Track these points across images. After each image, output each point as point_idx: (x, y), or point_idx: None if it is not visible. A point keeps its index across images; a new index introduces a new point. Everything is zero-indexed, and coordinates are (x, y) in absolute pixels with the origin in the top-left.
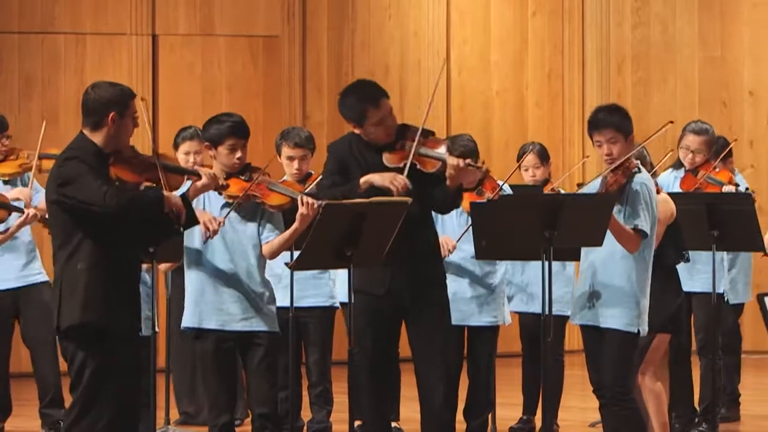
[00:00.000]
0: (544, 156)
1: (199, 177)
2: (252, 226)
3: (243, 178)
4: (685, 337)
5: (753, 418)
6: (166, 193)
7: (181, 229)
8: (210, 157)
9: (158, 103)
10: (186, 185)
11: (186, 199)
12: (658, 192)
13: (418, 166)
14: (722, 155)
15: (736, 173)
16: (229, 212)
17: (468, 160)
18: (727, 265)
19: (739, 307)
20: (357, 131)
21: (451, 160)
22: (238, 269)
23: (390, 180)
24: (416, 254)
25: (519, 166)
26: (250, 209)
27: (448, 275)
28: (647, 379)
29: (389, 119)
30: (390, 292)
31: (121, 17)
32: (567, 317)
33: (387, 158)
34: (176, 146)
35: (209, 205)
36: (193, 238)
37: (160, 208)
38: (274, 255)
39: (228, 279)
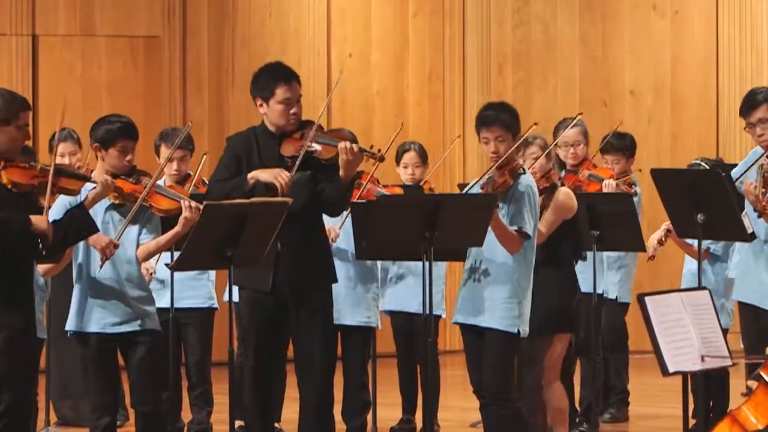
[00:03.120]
0: (423, 155)
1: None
2: (134, 230)
3: (131, 180)
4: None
5: (638, 418)
6: (33, 218)
7: (44, 252)
8: (98, 159)
9: (38, 104)
10: (87, 189)
11: (83, 207)
12: (562, 186)
13: (315, 153)
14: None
15: (632, 175)
16: (123, 230)
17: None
18: (605, 266)
19: (626, 307)
20: (262, 110)
21: (346, 145)
22: (120, 272)
23: (275, 176)
24: (303, 253)
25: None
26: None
27: None
28: (549, 381)
29: (295, 104)
30: (274, 290)
31: (1, 17)
32: (439, 316)
33: (285, 146)
34: (51, 149)
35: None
36: (78, 245)
37: (25, 233)
38: (147, 257)
39: (110, 282)
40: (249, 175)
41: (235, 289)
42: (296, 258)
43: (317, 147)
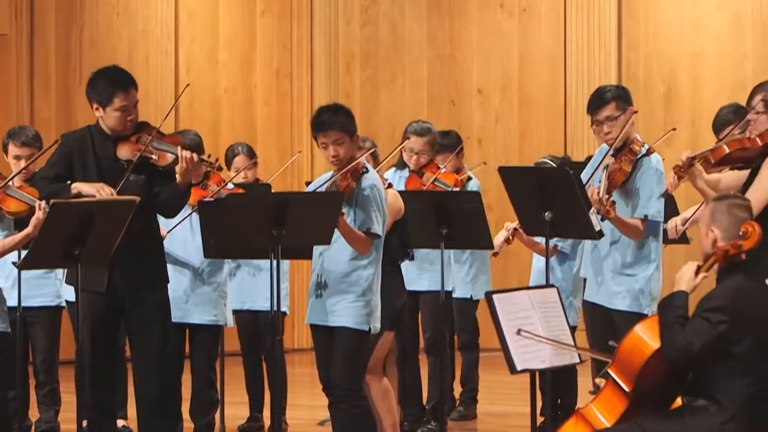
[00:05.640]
0: (253, 156)
1: None
2: None
3: None
4: (411, 335)
5: (487, 415)
6: None
7: None
8: None
9: None
10: None
11: None
12: (389, 187)
13: (152, 160)
14: (457, 150)
15: (466, 170)
16: None
17: (201, 156)
18: (463, 265)
19: (478, 304)
20: (98, 114)
21: (185, 153)
22: None
23: (97, 189)
24: (138, 254)
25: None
26: None
27: (170, 272)
28: (375, 378)
29: (132, 110)
30: (109, 290)
31: None
32: (284, 314)
33: (120, 149)
34: None
35: None
36: None
37: None
38: None
39: None
40: (72, 186)
41: (72, 290)
42: (132, 259)
43: (153, 156)
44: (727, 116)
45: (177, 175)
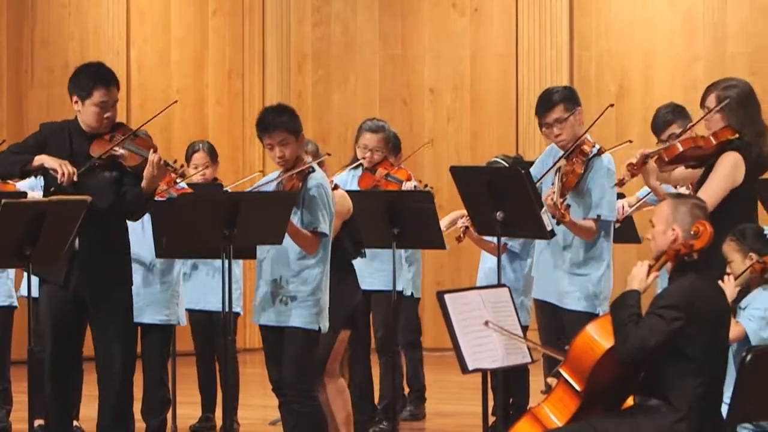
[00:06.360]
0: (213, 154)
1: None
2: None
3: None
4: (363, 335)
5: (438, 415)
6: None
7: None
8: None
9: None
10: None
11: None
12: (336, 188)
13: (120, 158)
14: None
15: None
16: None
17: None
18: (405, 263)
19: (419, 303)
20: (77, 107)
21: (153, 157)
22: None
23: (60, 163)
24: (103, 252)
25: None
26: None
27: None
28: (332, 378)
29: (111, 108)
30: (71, 286)
31: None
32: (238, 314)
33: (94, 146)
34: None
35: None
36: None
37: None
38: None
39: None
40: (36, 157)
41: (35, 285)
42: (96, 257)
43: (123, 152)
44: (666, 116)
45: (144, 180)
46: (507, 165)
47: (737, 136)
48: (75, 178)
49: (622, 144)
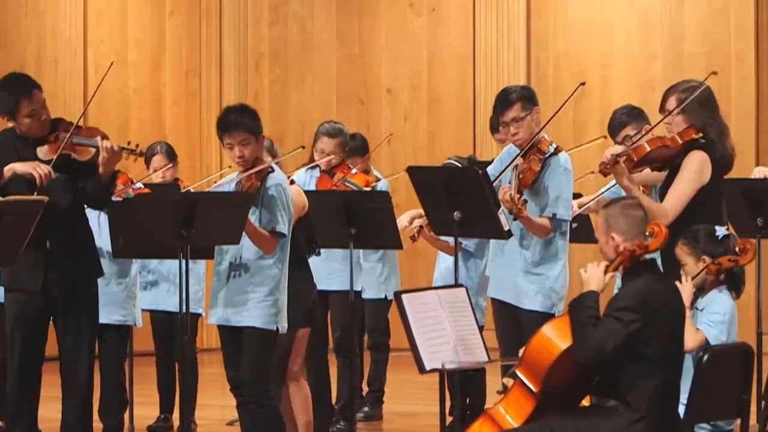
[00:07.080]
0: (172, 155)
1: None
2: None
3: None
4: (321, 335)
5: (395, 415)
6: None
7: None
8: None
9: None
10: None
11: None
12: (292, 183)
13: (73, 156)
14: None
15: (372, 169)
16: None
17: (122, 145)
18: (365, 264)
19: (390, 304)
20: (11, 124)
21: (105, 144)
22: None
23: (33, 167)
24: (72, 252)
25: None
26: None
27: None
28: (293, 379)
29: (42, 111)
30: (44, 289)
31: None
32: (199, 315)
33: (41, 151)
34: None
35: None
36: None
37: None
38: None
39: None
40: (5, 168)
41: None
42: (66, 257)
43: (74, 154)
44: (622, 118)
45: (99, 166)
46: (461, 166)
47: (701, 135)
48: (53, 176)
49: (597, 140)
